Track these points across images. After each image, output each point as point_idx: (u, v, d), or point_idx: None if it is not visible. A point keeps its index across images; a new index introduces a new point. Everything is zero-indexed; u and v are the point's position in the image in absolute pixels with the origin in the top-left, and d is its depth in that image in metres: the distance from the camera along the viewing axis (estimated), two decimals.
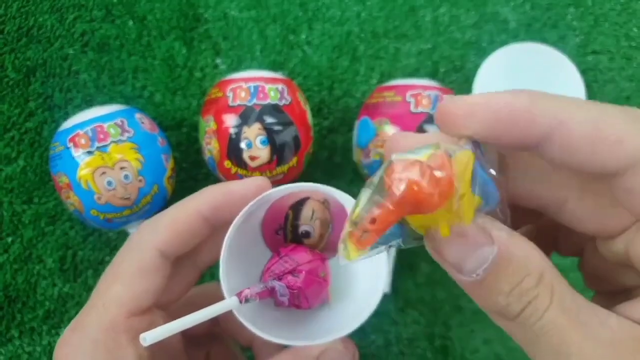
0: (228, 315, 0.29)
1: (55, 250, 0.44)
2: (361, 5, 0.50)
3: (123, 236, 0.44)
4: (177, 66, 0.47)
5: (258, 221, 0.26)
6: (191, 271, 0.28)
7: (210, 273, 0.41)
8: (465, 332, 0.45)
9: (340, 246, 0.18)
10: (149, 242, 0.24)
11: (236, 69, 0.48)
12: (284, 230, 0.27)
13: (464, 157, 0.17)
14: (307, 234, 0.27)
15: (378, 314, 0.45)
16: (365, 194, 0.18)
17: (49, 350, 0.43)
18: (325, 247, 0.27)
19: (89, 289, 0.44)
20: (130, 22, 0.48)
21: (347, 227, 0.17)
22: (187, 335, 0.29)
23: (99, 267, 0.44)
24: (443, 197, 0.16)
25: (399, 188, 0.16)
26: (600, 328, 0.16)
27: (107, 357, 0.22)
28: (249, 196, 0.24)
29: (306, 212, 0.26)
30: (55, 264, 0.44)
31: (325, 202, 0.26)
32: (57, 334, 0.43)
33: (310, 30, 0.49)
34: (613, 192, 0.18)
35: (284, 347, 0.25)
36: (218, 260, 0.24)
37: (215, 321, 0.30)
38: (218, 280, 0.24)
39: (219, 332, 0.33)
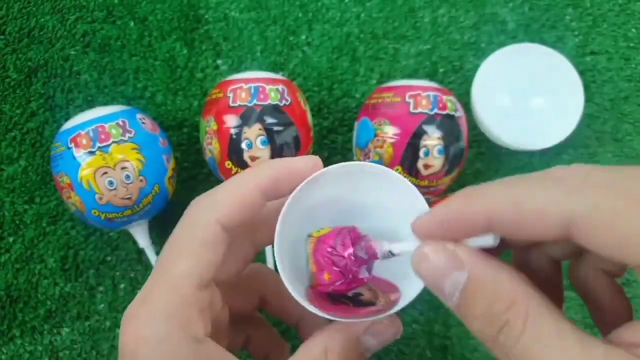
0: (276, 294, 0.30)
1: (56, 250, 0.44)
2: (361, 7, 0.50)
3: (124, 236, 0.44)
4: (178, 67, 0.48)
5: (309, 200, 0.26)
6: (248, 249, 0.28)
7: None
8: (465, 332, 0.45)
9: None
10: (210, 215, 0.24)
11: (237, 69, 0.48)
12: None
13: None
14: (359, 294, 0.26)
15: None
16: None
17: (50, 350, 0.43)
18: (384, 296, 0.26)
19: (91, 289, 0.44)
20: (132, 23, 0.48)
21: None
22: (232, 316, 0.29)
23: (100, 266, 0.44)
24: None
25: None
26: (580, 358, 0.16)
27: (180, 330, 0.22)
28: (306, 172, 0.25)
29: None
30: (56, 264, 0.44)
31: (370, 288, 0.26)
32: (59, 334, 0.43)
33: (310, 31, 0.49)
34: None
35: (330, 323, 0.25)
36: (273, 239, 0.24)
37: (261, 302, 0.31)
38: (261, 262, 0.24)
39: (259, 316, 0.34)
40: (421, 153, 0.39)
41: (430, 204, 0.23)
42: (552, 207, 0.17)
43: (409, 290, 0.24)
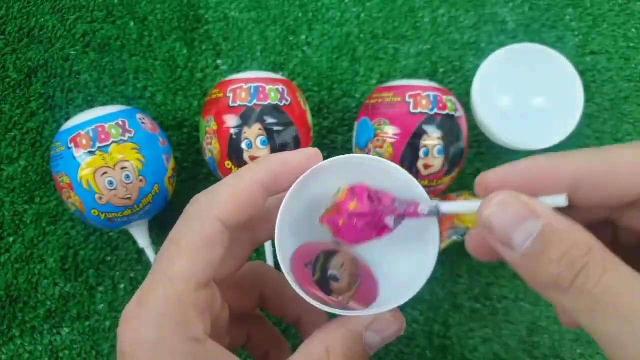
0: (277, 292, 0.30)
1: (56, 250, 0.44)
2: (361, 7, 0.50)
3: (124, 236, 0.44)
4: (178, 67, 0.48)
5: (309, 194, 0.26)
6: (247, 246, 0.28)
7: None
8: (464, 332, 0.45)
9: None
10: (209, 212, 0.24)
11: (237, 69, 0.48)
12: (314, 267, 0.27)
13: None
14: (334, 278, 0.27)
15: None
16: None
17: (50, 350, 0.43)
18: (354, 298, 0.27)
19: (90, 289, 0.44)
20: (132, 23, 0.48)
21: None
22: (232, 314, 0.29)
23: (100, 266, 0.44)
24: None
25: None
26: None
27: (177, 331, 0.22)
28: (305, 166, 0.25)
29: (336, 261, 0.26)
30: (56, 264, 0.44)
31: (355, 260, 0.26)
32: (59, 334, 0.43)
33: (310, 31, 0.49)
34: (629, 224, 0.21)
35: (330, 321, 0.25)
36: (274, 235, 0.24)
37: (261, 300, 0.31)
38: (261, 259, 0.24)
39: (259, 314, 0.34)
40: (421, 153, 0.39)
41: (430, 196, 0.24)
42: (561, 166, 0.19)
43: (422, 272, 0.25)
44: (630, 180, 0.19)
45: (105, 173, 0.37)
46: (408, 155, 0.39)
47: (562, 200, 0.21)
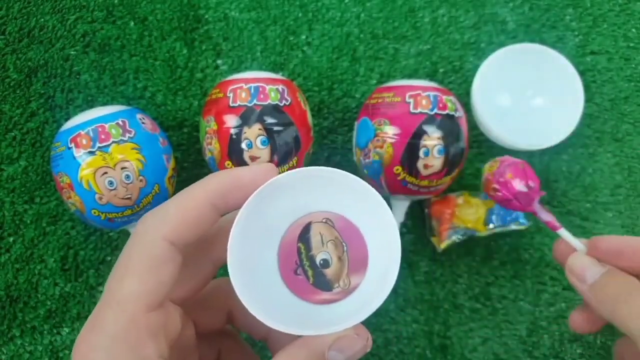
0: (243, 310, 0.29)
1: (56, 250, 0.44)
2: (361, 7, 0.50)
3: (124, 236, 0.44)
4: (178, 67, 0.48)
5: (267, 209, 0.25)
6: (206, 266, 0.27)
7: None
8: (464, 331, 0.45)
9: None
10: (157, 232, 0.23)
11: (237, 69, 0.48)
12: (303, 268, 0.26)
13: None
14: (326, 263, 0.26)
15: (377, 313, 0.45)
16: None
17: (50, 350, 0.43)
18: (351, 269, 0.26)
19: (91, 289, 0.44)
20: (132, 23, 0.48)
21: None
22: (200, 332, 0.28)
23: (100, 266, 0.44)
24: None
25: None
26: None
27: (129, 354, 0.21)
28: (257, 181, 0.24)
29: (315, 237, 0.26)
30: (56, 264, 0.44)
31: (328, 221, 0.26)
32: (59, 334, 0.43)
33: (310, 31, 0.49)
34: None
35: (297, 338, 0.25)
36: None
37: (229, 317, 0.30)
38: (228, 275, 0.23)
39: (230, 330, 0.33)
40: (421, 153, 0.39)
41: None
42: None
43: (383, 286, 0.24)
44: None
45: (106, 173, 0.37)
46: (408, 155, 0.39)
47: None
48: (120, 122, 0.39)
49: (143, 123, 0.40)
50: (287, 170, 0.40)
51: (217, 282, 0.30)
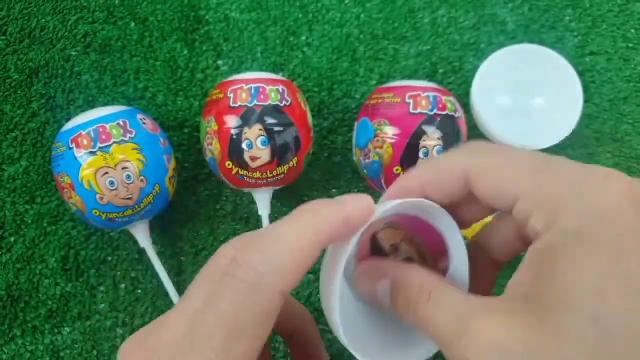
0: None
1: (57, 250, 0.44)
2: (360, 7, 0.50)
3: (125, 236, 0.45)
4: (178, 67, 0.48)
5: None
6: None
7: None
8: None
9: None
10: (273, 284, 0.20)
11: (237, 70, 0.48)
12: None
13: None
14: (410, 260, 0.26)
15: None
16: None
17: (51, 349, 0.43)
18: (433, 257, 0.26)
19: (91, 288, 0.44)
20: (132, 24, 0.48)
21: None
22: None
23: (100, 266, 0.45)
24: None
25: None
26: (458, 303, 0.22)
27: None
28: (362, 219, 0.22)
29: (386, 245, 0.26)
30: (57, 264, 0.44)
31: (393, 224, 0.26)
32: (60, 333, 0.43)
33: (310, 32, 0.49)
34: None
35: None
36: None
37: None
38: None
39: None
40: (421, 153, 0.39)
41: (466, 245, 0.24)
42: (456, 166, 0.23)
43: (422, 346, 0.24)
44: (448, 183, 0.24)
45: (106, 173, 0.37)
46: (407, 156, 0.39)
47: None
48: (121, 123, 0.39)
49: (144, 123, 0.40)
50: (287, 169, 0.40)
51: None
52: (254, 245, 0.21)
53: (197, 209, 0.46)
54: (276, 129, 0.39)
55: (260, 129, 0.39)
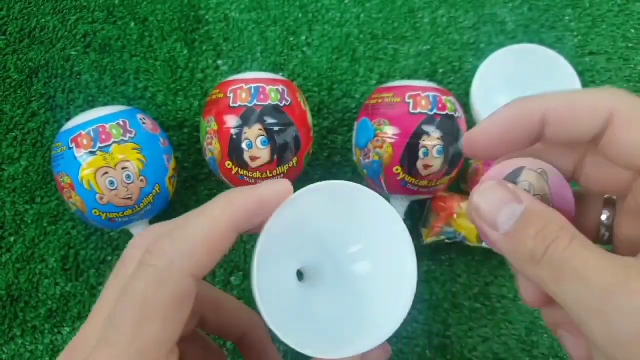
0: (216, 310, 0.27)
1: (57, 250, 0.44)
2: (360, 7, 0.50)
3: (125, 236, 0.45)
4: (178, 67, 0.48)
5: (288, 222, 0.24)
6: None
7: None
8: (464, 331, 0.45)
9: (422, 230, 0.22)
10: (183, 268, 0.20)
11: (237, 70, 0.48)
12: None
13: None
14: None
15: None
16: None
17: (51, 349, 0.43)
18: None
19: (91, 288, 0.44)
20: (132, 24, 0.48)
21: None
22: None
23: (100, 266, 0.45)
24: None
25: None
26: (609, 257, 0.19)
27: None
28: (280, 200, 0.23)
29: (521, 184, 0.24)
30: (57, 264, 0.44)
31: (543, 173, 0.24)
32: (60, 333, 0.43)
33: (310, 32, 0.49)
34: (606, 156, 0.21)
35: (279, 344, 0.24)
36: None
37: (200, 321, 0.28)
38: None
39: (198, 333, 0.30)
40: (420, 153, 0.39)
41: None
42: (601, 103, 0.21)
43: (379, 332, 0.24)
44: (586, 120, 0.21)
45: (106, 173, 0.37)
46: (407, 156, 0.39)
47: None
48: (121, 123, 0.39)
49: (144, 123, 0.40)
50: (287, 169, 0.40)
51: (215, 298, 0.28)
52: (166, 233, 0.21)
53: None
54: (276, 129, 0.39)
55: (260, 129, 0.39)
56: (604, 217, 0.24)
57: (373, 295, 0.26)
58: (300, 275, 0.27)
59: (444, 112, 0.40)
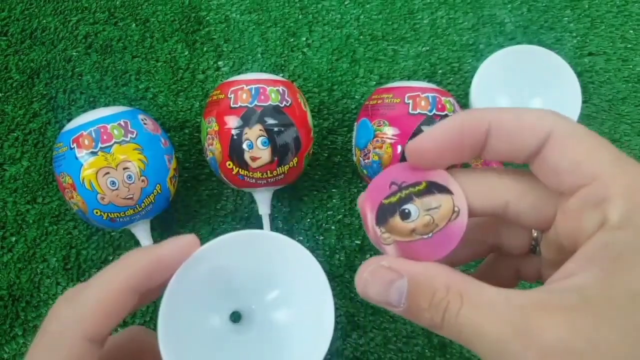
0: (140, 340, 0.27)
1: (58, 250, 0.44)
2: (360, 9, 0.50)
3: (126, 235, 0.45)
4: (179, 68, 0.48)
5: (197, 276, 0.24)
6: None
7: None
8: None
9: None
10: (76, 332, 0.21)
11: (238, 71, 0.49)
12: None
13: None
14: (408, 215, 0.24)
15: (376, 311, 0.45)
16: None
17: None
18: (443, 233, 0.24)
19: None
20: (133, 25, 0.48)
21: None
22: None
23: (102, 266, 0.45)
24: None
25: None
26: (503, 306, 0.19)
27: None
28: (180, 258, 0.23)
29: (405, 213, 0.24)
30: (58, 263, 0.44)
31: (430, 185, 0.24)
32: None
33: (311, 33, 0.50)
34: (538, 176, 0.22)
35: None
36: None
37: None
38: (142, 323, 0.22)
39: None
40: None
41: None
42: (543, 121, 0.21)
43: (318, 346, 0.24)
44: (528, 135, 0.21)
45: (108, 173, 0.38)
46: None
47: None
48: (122, 123, 0.39)
49: (145, 124, 0.40)
50: (288, 170, 0.40)
51: (130, 332, 0.28)
52: (68, 297, 0.22)
53: (197, 209, 0.46)
54: (276, 129, 0.39)
55: (260, 130, 0.39)
56: (535, 233, 0.25)
57: (292, 341, 0.26)
58: (239, 316, 0.27)
59: (443, 113, 0.40)
